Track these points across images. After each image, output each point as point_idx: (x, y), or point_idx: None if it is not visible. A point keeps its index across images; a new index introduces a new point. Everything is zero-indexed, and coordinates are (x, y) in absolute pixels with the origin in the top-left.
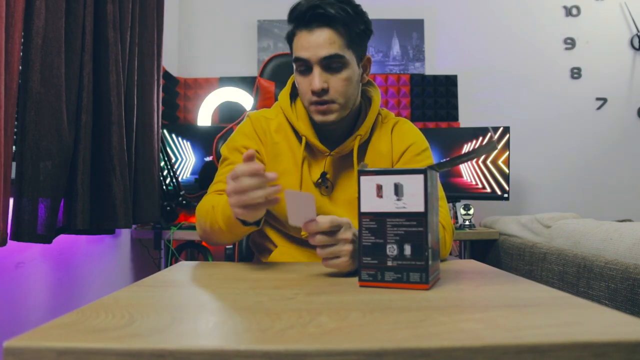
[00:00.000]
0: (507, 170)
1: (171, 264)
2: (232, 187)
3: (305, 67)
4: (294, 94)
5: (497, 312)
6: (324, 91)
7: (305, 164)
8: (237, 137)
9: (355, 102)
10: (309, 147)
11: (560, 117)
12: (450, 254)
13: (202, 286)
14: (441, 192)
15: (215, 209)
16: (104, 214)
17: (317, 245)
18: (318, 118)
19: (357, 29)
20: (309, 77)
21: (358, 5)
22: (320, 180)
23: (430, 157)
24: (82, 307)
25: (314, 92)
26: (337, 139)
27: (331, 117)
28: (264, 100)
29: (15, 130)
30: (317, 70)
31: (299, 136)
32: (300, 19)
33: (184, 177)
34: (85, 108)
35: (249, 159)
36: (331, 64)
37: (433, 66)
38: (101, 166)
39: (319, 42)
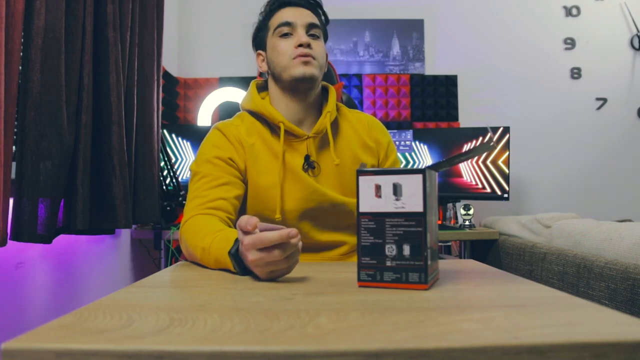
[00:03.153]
0: (507, 170)
1: (171, 264)
2: (260, 258)
3: (290, 30)
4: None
5: (496, 312)
6: (309, 46)
7: (287, 154)
8: (206, 149)
9: (320, 80)
10: (285, 136)
11: (560, 117)
12: (451, 254)
13: (201, 287)
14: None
15: (206, 252)
16: (104, 214)
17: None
18: (300, 70)
19: (324, 17)
20: (291, 38)
21: None
22: (306, 165)
23: None
24: (80, 308)
25: (300, 45)
26: (307, 123)
27: (313, 69)
28: None
29: (15, 130)
30: (302, 31)
31: (273, 130)
32: (288, 1)
33: (184, 177)
34: (85, 108)
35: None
36: (313, 30)
37: (433, 66)
38: (101, 166)
39: (304, 13)
